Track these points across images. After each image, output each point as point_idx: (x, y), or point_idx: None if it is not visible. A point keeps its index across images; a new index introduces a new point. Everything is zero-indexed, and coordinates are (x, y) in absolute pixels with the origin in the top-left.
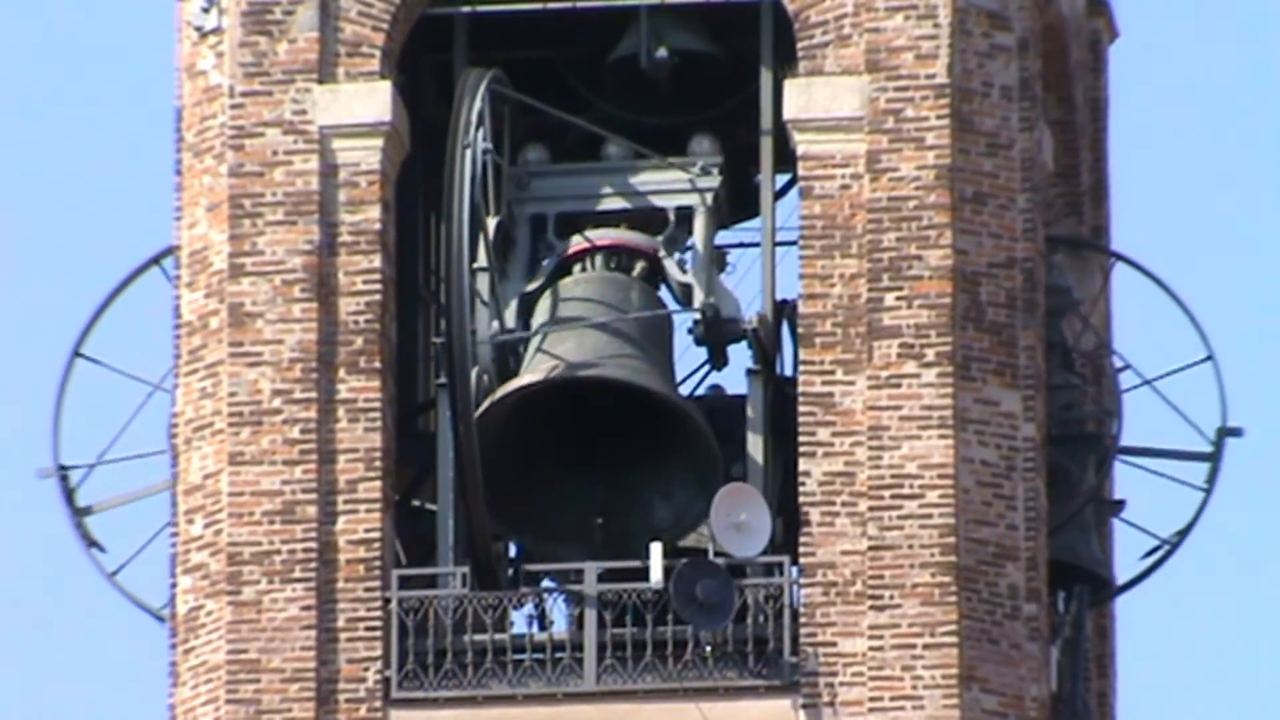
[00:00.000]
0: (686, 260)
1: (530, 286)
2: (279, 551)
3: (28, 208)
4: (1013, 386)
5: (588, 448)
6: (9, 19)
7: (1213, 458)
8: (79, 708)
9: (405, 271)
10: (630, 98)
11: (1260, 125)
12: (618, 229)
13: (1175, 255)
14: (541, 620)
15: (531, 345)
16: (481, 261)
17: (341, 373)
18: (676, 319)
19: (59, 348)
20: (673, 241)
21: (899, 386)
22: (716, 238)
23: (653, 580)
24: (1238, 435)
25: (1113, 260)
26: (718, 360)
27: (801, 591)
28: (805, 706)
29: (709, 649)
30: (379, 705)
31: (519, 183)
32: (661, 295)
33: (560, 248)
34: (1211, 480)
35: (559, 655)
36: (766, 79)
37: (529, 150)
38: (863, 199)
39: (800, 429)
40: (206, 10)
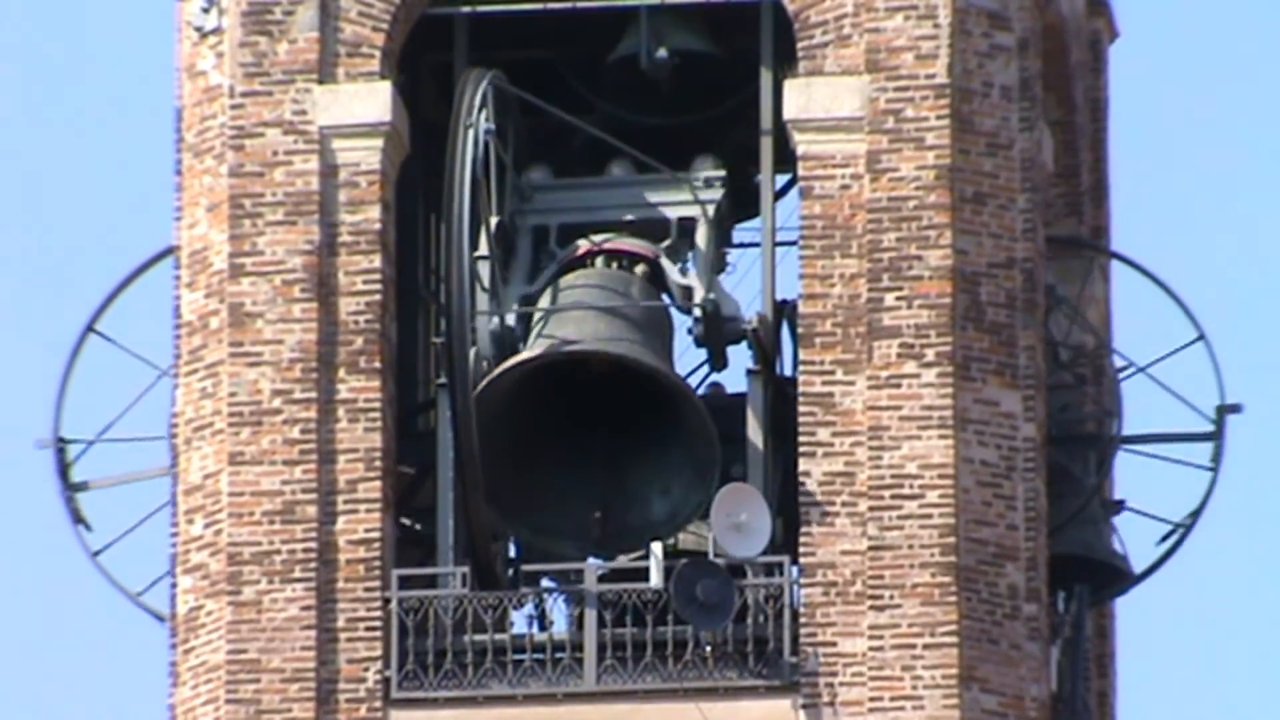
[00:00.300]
0: (689, 266)
1: (531, 289)
2: (279, 551)
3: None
4: (1013, 386)
5: (586, 442)
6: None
7: (1215, 436)
8: (79, 708)
9: (405, 271)
10: (630, 98)
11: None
12: (620, 236)
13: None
14: (541, 620)
15: (532, 333)
16: (483, 250)
17: (341, 373)
18: (676, 321)
19: (59, 348)
20: (674, 251)
21: (899, 386)
22: (716, 246)
23: (653, 580)
24: (1237, 411)
25: (1107, 259)
26: (718, 361)
27: (801, 591)
28: (805, 706)
29: (709, 649)
30: (379, 705)
31: (522, 195)
32: (662, 298)
33: (562, 255)
34: (1217, 459)
35: (559, 655)
36: (766, 79)
37: (532, 171)
38: (863, 199)
39: (800, 429)
40: (206, 10)
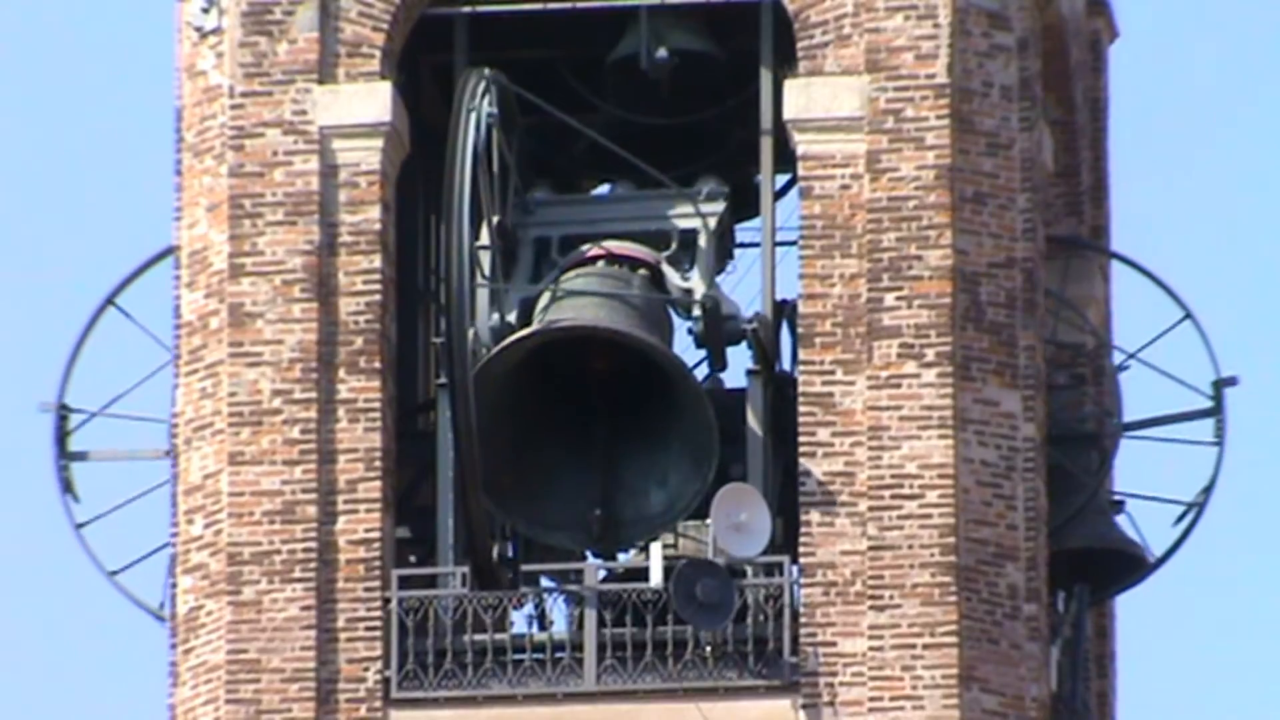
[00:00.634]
0: (690, 273)
1: (532, 291)
2: (279, 551)
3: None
4: (1013, 386)
5: (585, 435)
6: (9, 19)
7: (1215, 411)
8: (79, 708)
9: (405, 271)
10: (630, 98)
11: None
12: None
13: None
14: (541, 620)
15: (534, 322)
16: (484, 240)
17: (341, 373)
18: (676, 323)
19: (58, 349)
20: (676, 260)
21: (899, 386)
22: (717, 258)
23: (653, 580)
24: (1233, 384)
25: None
26: (718, 361)
27: (801, 591)
28: (805, 706)
29: (709, 649)
30: (379, 705)
31: (525, 209)
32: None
33: (565, 260)
34: (1220, 433)
35: (559, 655)
36: (766, 79)
37: (536, 191)
38: (863, 199)
39: (800, 429)
40: (206, 10)
